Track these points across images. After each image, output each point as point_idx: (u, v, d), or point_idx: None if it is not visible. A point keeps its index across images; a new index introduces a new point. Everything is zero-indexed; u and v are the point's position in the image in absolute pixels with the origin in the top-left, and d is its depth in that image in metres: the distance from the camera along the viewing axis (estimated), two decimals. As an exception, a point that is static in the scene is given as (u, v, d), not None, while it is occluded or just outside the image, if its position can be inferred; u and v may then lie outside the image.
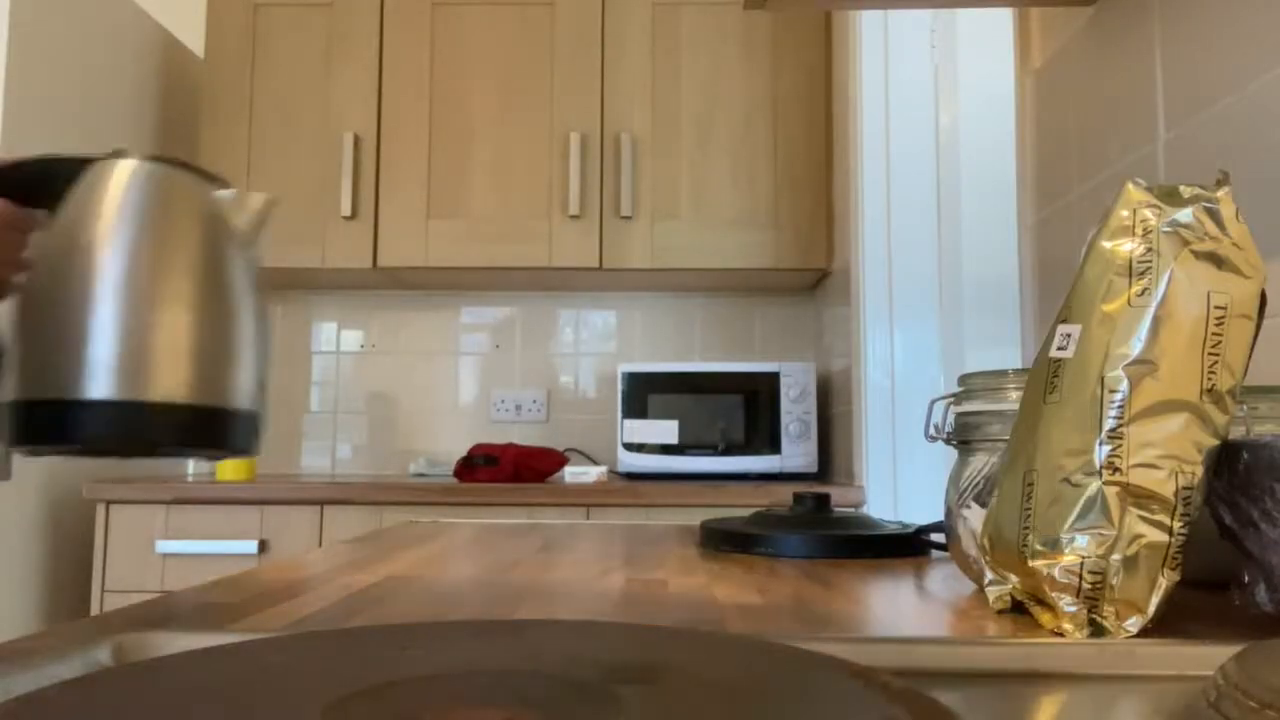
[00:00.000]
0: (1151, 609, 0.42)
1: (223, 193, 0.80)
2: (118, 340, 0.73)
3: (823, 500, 0.87)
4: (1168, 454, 0.42)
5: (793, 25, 2.24)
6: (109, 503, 1.91)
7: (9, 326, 0.75)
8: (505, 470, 2.03)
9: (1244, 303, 0.43)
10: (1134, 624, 0.42)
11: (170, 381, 0.74)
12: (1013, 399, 0.55)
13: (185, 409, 0.74)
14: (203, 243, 0.80)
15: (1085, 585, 0.43)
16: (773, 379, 2.06)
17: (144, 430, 0.73)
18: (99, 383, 0.72)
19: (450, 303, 2.50)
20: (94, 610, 1.91)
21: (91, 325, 0.73)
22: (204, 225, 0.81)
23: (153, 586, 1.89)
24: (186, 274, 0.78)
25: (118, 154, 0.80)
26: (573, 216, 2.17)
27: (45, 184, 0.81)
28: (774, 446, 2.04)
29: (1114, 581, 0.42)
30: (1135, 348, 0.43)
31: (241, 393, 0.78)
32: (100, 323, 0.73)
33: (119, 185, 0.78)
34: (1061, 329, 0.46)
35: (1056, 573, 0.43)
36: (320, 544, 1.92)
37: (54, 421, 0.72)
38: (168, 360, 0.74)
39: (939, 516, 0.65)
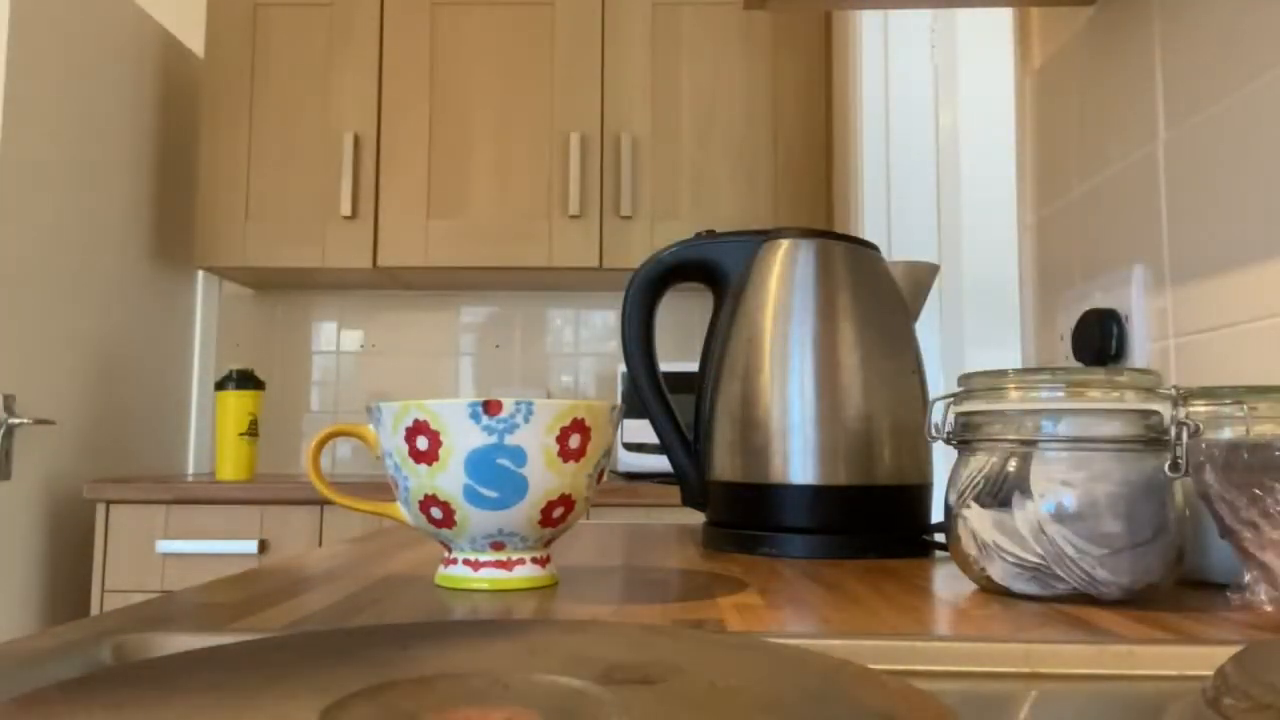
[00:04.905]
0: None
1: (895, 263, 0.80)
2: (836, 425, 0.74)
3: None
4: None
5: (793, 25, 2.24)
6: (109, 503, 1.91)
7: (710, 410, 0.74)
8: (505, 470, 2.02)
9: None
10: None
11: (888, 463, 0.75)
12: (1013, 399, 0.55)
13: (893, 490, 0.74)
14: (894, 318, 0.77)
15: None
16: (773, 379, 2.06)
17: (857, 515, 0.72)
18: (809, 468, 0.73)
19: (450, 303, 2.50)
20: (94, 610, 1.91)
21: (805, 410, 0.74)
22: (890, 299, 0.77)
23: (153, 586, 1.89)
24: (890, 354, 0.76)
25: (710, 234, 0.79)
26: (573, 216, 2.17)
27: (713, 269, 0.80)
28: (774, 446, 2.04)
29: None
30: None
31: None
32: (815, 407, 0.74)
33: (795, 263, 0.78)
34: None
35: None
36: (320, 544, 1.92)
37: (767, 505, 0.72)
38: (882, 441, 0.75)
39: (939, 516, 0.65)
